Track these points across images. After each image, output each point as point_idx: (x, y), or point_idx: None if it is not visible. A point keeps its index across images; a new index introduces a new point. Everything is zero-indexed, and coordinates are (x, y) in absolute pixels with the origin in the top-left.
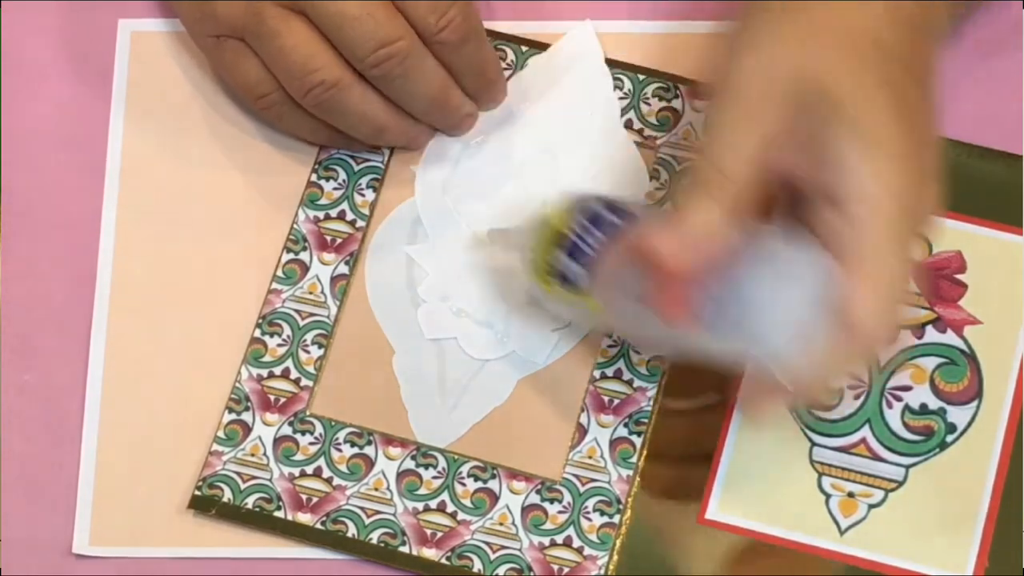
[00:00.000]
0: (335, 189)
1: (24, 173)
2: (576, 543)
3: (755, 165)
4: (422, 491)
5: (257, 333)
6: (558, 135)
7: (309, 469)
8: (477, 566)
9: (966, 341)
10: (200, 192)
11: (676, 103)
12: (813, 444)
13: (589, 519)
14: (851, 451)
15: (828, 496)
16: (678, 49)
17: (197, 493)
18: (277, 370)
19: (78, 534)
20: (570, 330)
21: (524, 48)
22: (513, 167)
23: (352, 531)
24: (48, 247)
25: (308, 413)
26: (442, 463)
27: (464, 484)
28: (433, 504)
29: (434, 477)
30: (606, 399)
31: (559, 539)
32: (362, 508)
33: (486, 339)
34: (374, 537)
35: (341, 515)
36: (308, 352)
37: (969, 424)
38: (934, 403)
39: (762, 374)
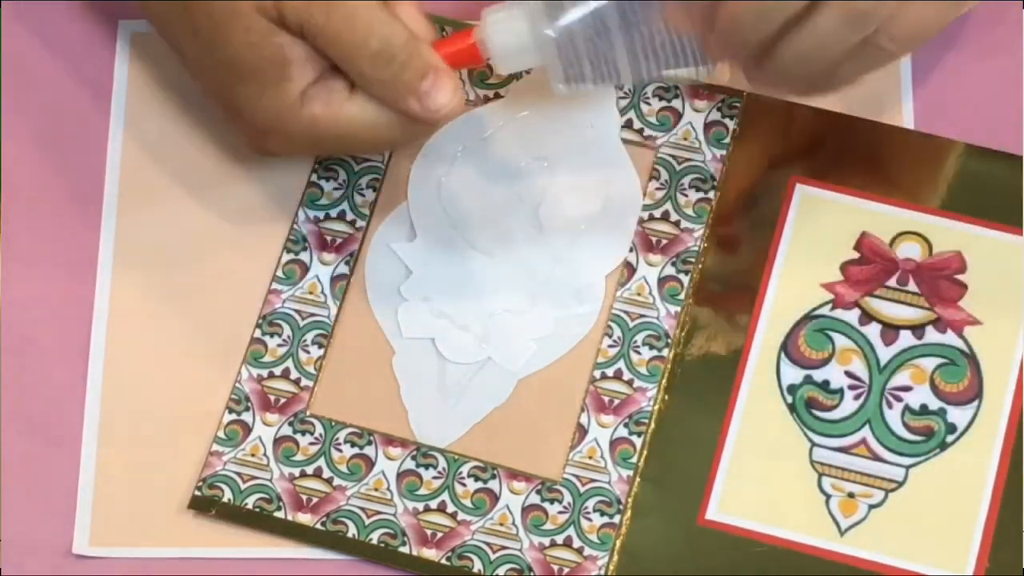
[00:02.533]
0: (335, 189)
1: (24, 173)
2: (576, 543)
3: None
4: (422, 491)
5: (257, 333)
6: (556, 144)
7: (309, 469)
8: (477, 566)
9: (966, 341)
10: (200, 192)
11: (676, 103)
12: (813, 444)
13: (589, 519)
14: (851, 451)
15: (828, 496)
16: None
17: (197, 493)
18: (277, 370)
19: (78, 534)
20: (552, 339)
21: None
22: (508, 173)
23: (352, 531)
24: (48, 247)
25: (308, 413)
26: (442, 463)
27: (464, 484)
28: (433, 504)
29: (434, 477)
30: (606, 399)
31: (559, 539)
32: (362, 508)
33: (463, 343)
34: (374, 537)
35: (341, 515)
36: (308, 352)
37: (969, 424)
38: (934, 403)
39: None
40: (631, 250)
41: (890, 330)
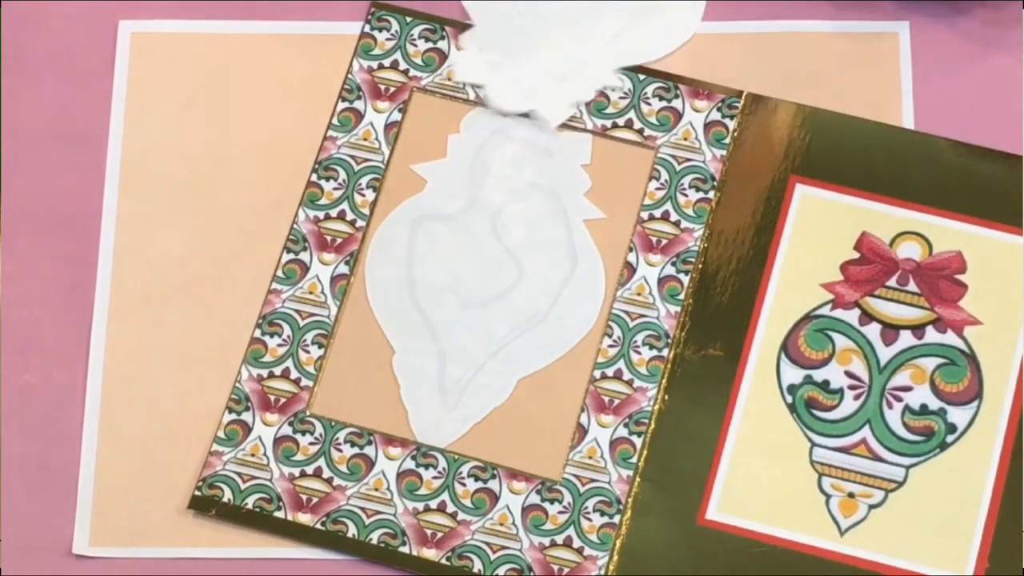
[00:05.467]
0: (335, 189)
1: (24, 173)
2: (576, 543)
3: None
4: (422, 491)
5: (257, 333)
6: None
7: (309, 469)
8: (477, 566)
9: (966, 341)
10: (200, 192)
11: (676, 103)
12: (813, 444)
13: (589, 519)
14: (851, 451)
15: (828, 496)
16: (678, 49)
17: (197, 493)
18: (277, 370)
19: (78, 534)
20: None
21: None
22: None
23: (352, 531)
24: (48, 247)
25: (308, 413)
26: (442, 463)
27: (464, 484)
28: (433, 504)
29: (434, 477)
30: (606, 399)
31: (559, 539)
32: (362, 508)
33: (508, 94)
34: (374, 537)
35: (341, 515)
36: (308, 352)
37: (969, 424)
38: (934, 403)
39: None
40: (631, 250)
41: (890, 330)
